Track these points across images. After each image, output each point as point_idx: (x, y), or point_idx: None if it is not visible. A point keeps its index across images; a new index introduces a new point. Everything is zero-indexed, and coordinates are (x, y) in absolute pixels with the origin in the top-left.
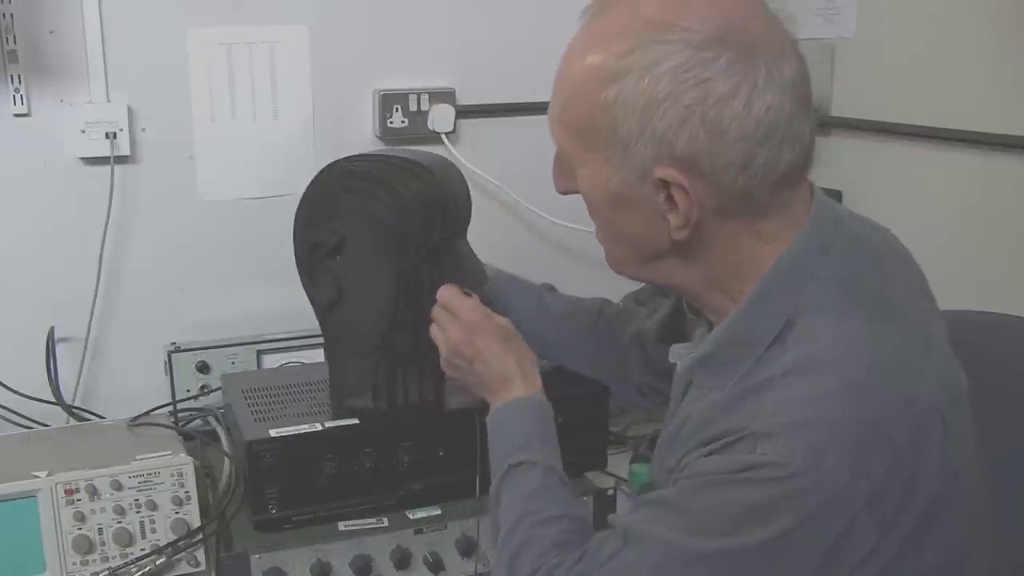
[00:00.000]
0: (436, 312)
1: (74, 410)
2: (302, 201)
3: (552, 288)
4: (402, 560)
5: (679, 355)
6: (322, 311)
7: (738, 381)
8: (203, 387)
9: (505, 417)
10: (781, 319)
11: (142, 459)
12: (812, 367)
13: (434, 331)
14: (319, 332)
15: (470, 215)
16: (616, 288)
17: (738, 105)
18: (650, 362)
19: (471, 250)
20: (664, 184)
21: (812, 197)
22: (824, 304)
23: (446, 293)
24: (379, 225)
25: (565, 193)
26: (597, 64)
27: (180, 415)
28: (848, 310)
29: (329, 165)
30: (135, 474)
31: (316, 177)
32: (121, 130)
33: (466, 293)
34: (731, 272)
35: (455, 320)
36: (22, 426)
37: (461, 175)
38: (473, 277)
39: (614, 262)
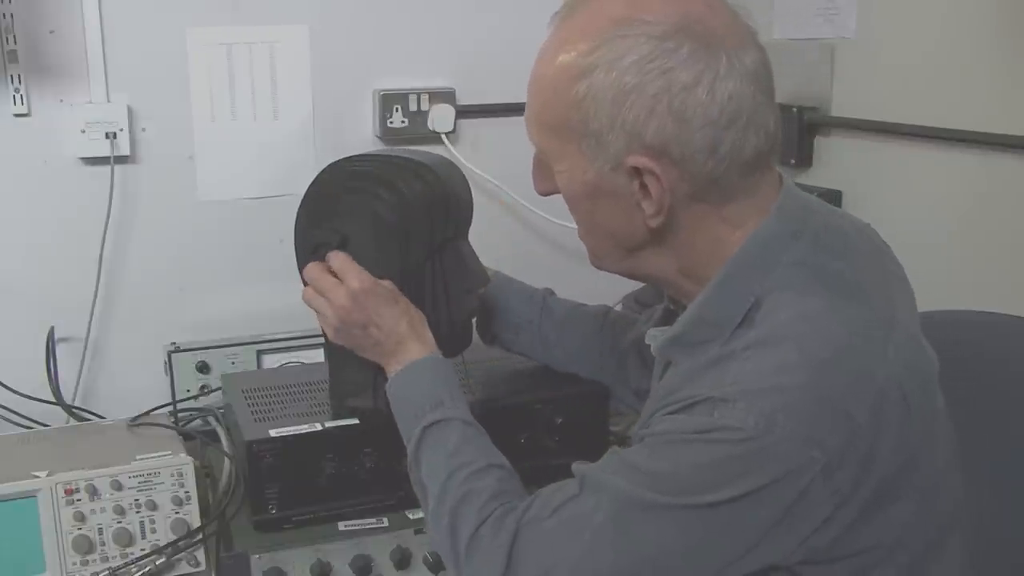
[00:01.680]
0: (318, 277)
1: (74, 410)
2: (303, 201)
3: (552, 292)
4: (402, 560)
5: (653, 336)
6: None
7: (705, 357)
8: (203, 387)
9: (407, 381)
10: (748, 300)
11: (142, 459)
12: (773, 341)
13: (312, 297)
14: (319, 332)
15: (472, 215)
16: (616, 288)
17: (702, 92)
18: (647, 366)
19: (472, 250)
20: (637, 172)
21: (780, 186)
22: (789, 284)
23: (337, 258)
24: (382, 224)
25: (545, 194)
26: (567, 63)
27: (180, 415)
28: (812, 289)
29: (330, 165)
30: (135, 474)
31: (317, 177)
32: (121, 130)
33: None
34: (701, 257)
35: (341, 286)
36: (22, 426)
37: (463, 175)
38: (475, 277)
39: (595, 257)
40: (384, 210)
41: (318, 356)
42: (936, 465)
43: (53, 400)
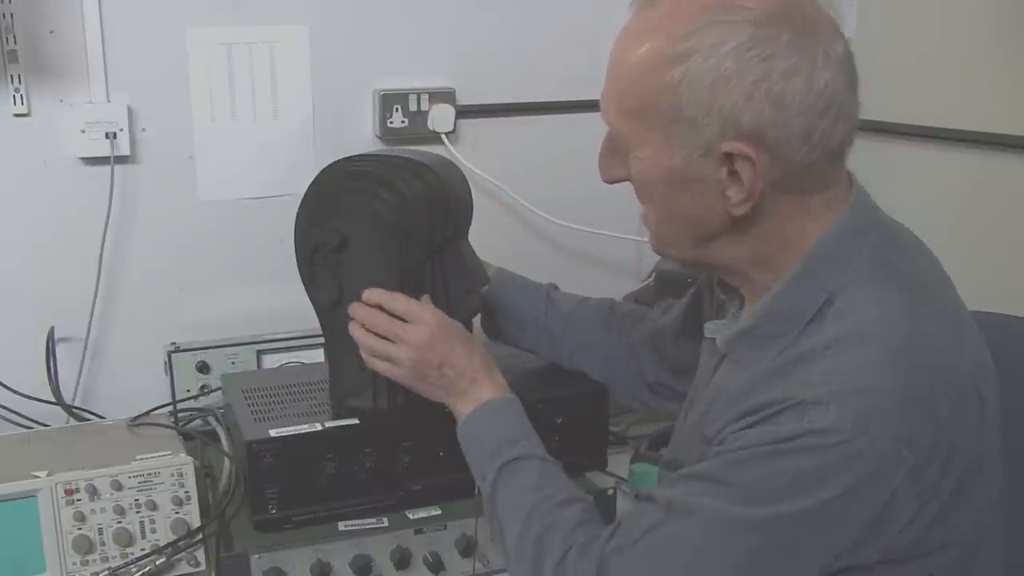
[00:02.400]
0: (387, 323)
1: (74, 410)
2: (303, 200)
3: (556, 287)
4: (402, 560)
5: (716, 330)
6: (323, 311)
7: (777, 355)
8: (203, 387)
9: (481, 421)
10: (822, 296)
11: (142, 459)
12: (856, 339)
13: (380, 345)
14: (319, 332)
15: (472, 215)
16: (616, 288)
17: (800, 80)
18: (665, 360)
19: (473, 250)
20: (728, 159)
21: (851, 182)
22: (864, 281)
23: (402, 301)
24: (382, 224)
25: (612, 181)
26: (659, 48)
27: (180, 415)
28: (888, 287)
29: (330, 165)
30: (135, 474)
31: (317, 177)
32: (121, 130)
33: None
34: (779, 248)
35: (415, 327)
36: (22, 426)
37: (463, 176)
38: (475, 277)
39: (663, 244)
40: (384, 210)
41: (318, 356)
42: (996, 460)
43: (53, 400)
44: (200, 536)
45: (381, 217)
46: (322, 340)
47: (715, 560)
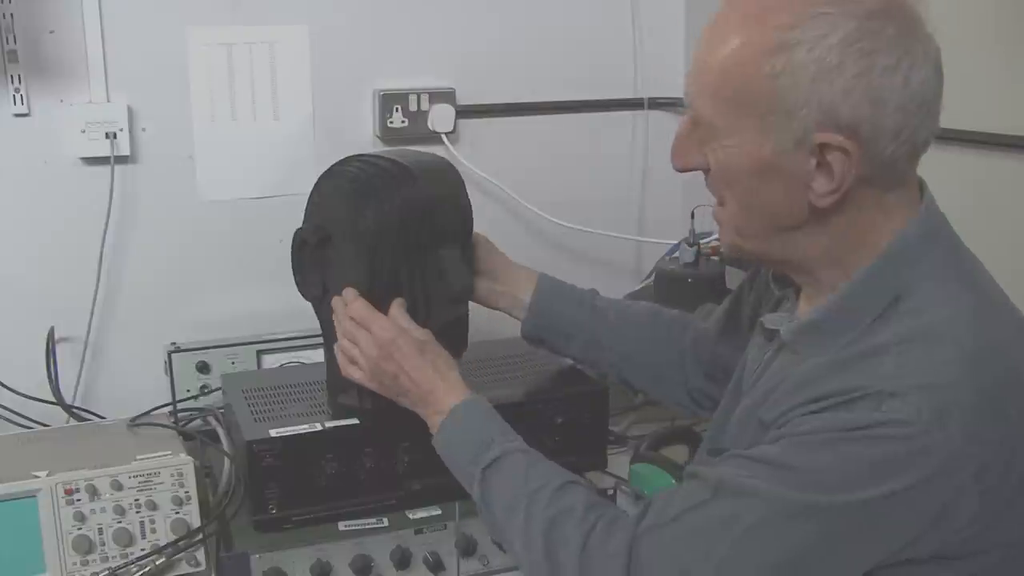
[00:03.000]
0: (348, 326)
1: (74, 410)
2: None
3: (597, 293)
4: (402, 560)
5: (779, 321)
6: (313, 305)
7: (843, 348)
8: (203, 387)
9: (450, 431)
10: (891, 295)
11: (142, 459)
12: (929, 337)
13: (346, 345)
14: (319, 332)
15: (467, 221)
16: (616, 288)
17: (900, 77)
18: (703, 364)
19: (463, 259)
20: (820, 150)
21: (921, 185)
22: (935, 281)
23: (357, 308)
24: (355, 227)
25: (684, 170)
26: (763, 37)
27: (180, 415)
28: (959, 289)
29: (337, 162)
30: (135, 474)
31: (322, 173)
32: (121, 130)
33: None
34: (853, 244)
35: (369, 336)
36: (22, 426)
37: (458, 181)
38: (451, 288)
39: (739, 236)
40: (357, 213)
41: (318, 356)
42: None
43: (53, 400)
44: (200, 536)
45: (354, 220)
46: (322, 340)
47: (763, 545)
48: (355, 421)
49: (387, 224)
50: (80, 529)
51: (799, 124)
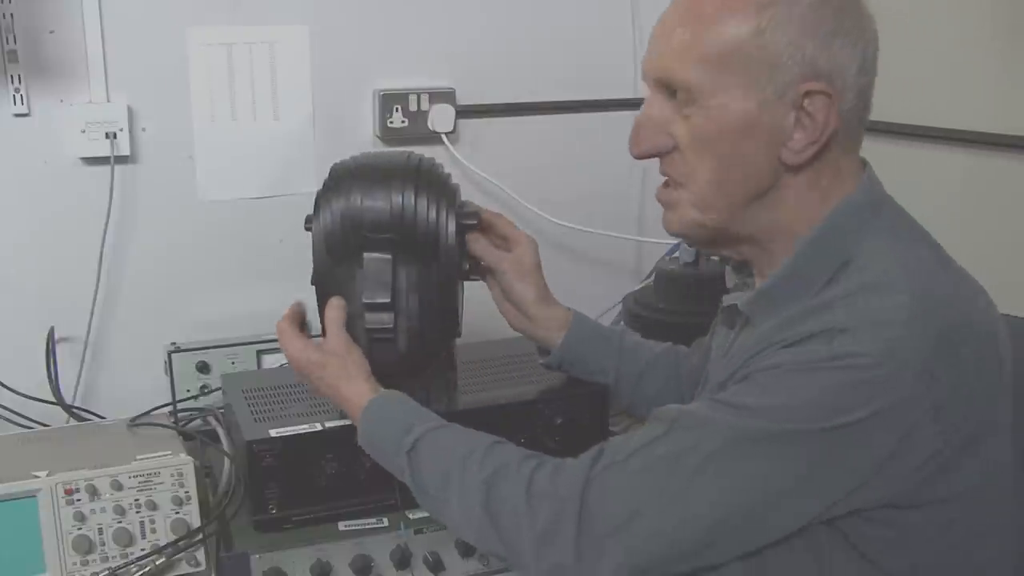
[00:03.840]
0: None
1: (74, 410)
2: None
3: (628, 332)
4: (402, 560)
5: (736, 297)
6: None
7: (792, 311)
8: (203, 387)
9: (369, 428)
10: (840, 258)
11: (142, 459)
12: (879, 286)
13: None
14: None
15: (422, 231)
16: (616, 289)
17: (861, 40)
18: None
19: (388, 265)
20: (802, 99)
21: (863, 160)
22: (884, 242)
23: (278, 327)
24: (314, 227)
25: (646, 155)
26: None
27: (180, 415)
28: (909, 246)
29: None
30: (135, 474)
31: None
32: (121, 130)
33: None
34: (808, 210)
35: (285, 340)
36: (22, 426)
37: (424, 184)
38: (370, 294)
39: (700, 211)
40: (315, 215)
41: None
42: (1007, 429)
43: (53, 400)
44: (200, 536)
45: (316, 220)
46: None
47: (717, 477)
48: None
49: (331, 230)
50: (80, 529)
51: (783, 76)
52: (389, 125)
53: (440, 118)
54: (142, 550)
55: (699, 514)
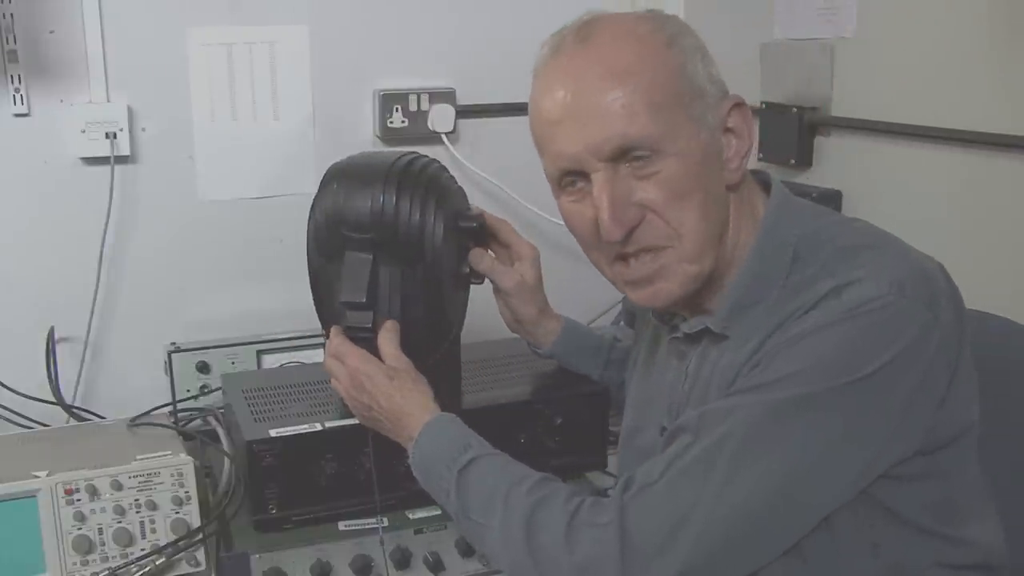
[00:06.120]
0: (328, 363)
1: (74, 410)
2: None
3: (618, 340)
4: (402, 560)
5: (698, 323)
6: None
7: (773, 299)
8: (203, 387)
9: (426, 446)
10: (790, 246)
11: (142, 459)
12: (861, 245)
13: (332, 382)
14: (319, 332)
15: (403, 231)
16: (615, 288)
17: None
18: None
19: (363, 265)
20: (729, 115)
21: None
22: (823, 217)
23: (335, 341)
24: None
25: (634, 226)
26: (649, 38)
27: (180, 415)
28: (840, 217)
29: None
30: (135, 474)
31: None
32: (121, 130)
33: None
34: (748, 219)
35: (342, 367)
36: (22, 426)
37: (407, 185)
38: (347, 294)
39: (695, 263)
40: (310, 213)
41: (318, 356)
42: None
43: (53, 400)
44: (200, 536)
45: (311, 215)
46: (322, 340)
47: (757, 455)
48: (355, 421)
49: (317, 226)
50: (80, 529)
51: (710, 100)
52: (389, 125)
53: (440, 118)
54: (142, 550)
55: (747, 500)
